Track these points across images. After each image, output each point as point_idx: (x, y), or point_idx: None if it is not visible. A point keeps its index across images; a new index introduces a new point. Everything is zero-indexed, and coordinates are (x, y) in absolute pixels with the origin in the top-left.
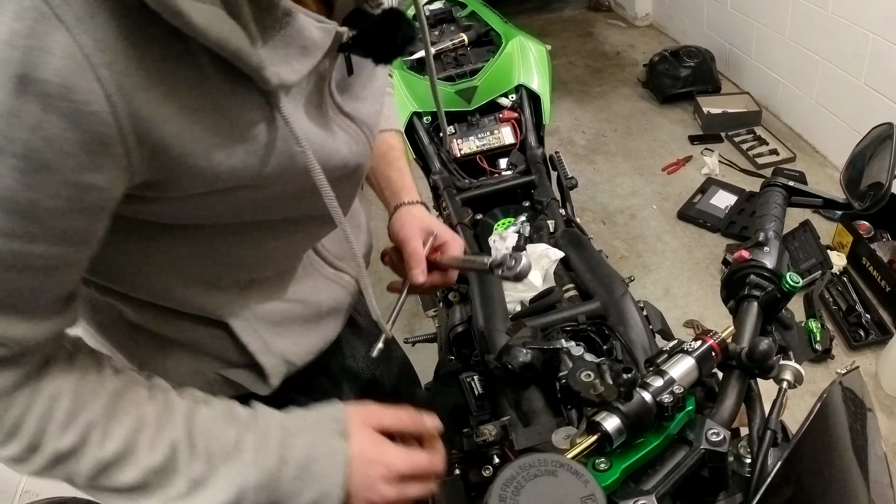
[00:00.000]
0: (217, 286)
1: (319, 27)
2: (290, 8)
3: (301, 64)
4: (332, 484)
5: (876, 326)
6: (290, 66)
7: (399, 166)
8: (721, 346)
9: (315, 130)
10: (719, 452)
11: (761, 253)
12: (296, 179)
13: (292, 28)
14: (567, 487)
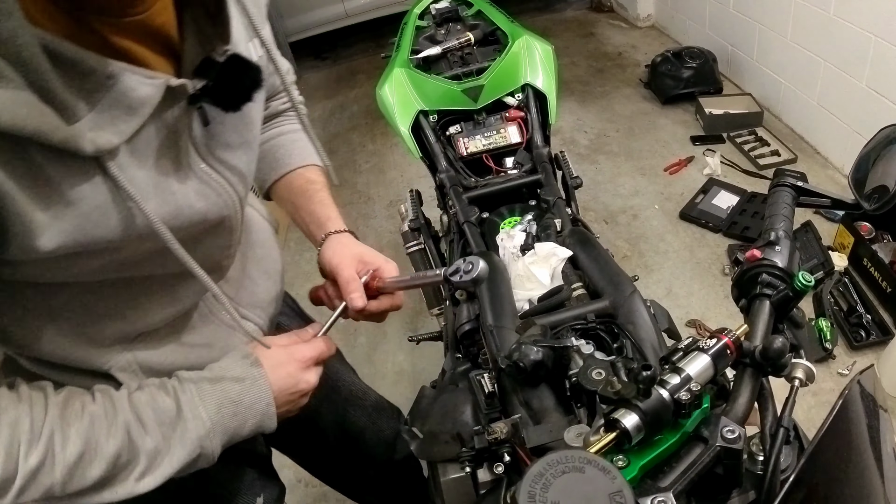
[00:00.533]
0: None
1: (149, 83)
2: (114, 71)
3: (127, 124)
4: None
5: (877, 327)
6: (116, 128)
7: (320, 198)
8: (736, 344)
9: (162, 186)
10: (735, 450)
11: (773, 252)
12: (147, 237)
13: (117, 90)
14: (595, 484)
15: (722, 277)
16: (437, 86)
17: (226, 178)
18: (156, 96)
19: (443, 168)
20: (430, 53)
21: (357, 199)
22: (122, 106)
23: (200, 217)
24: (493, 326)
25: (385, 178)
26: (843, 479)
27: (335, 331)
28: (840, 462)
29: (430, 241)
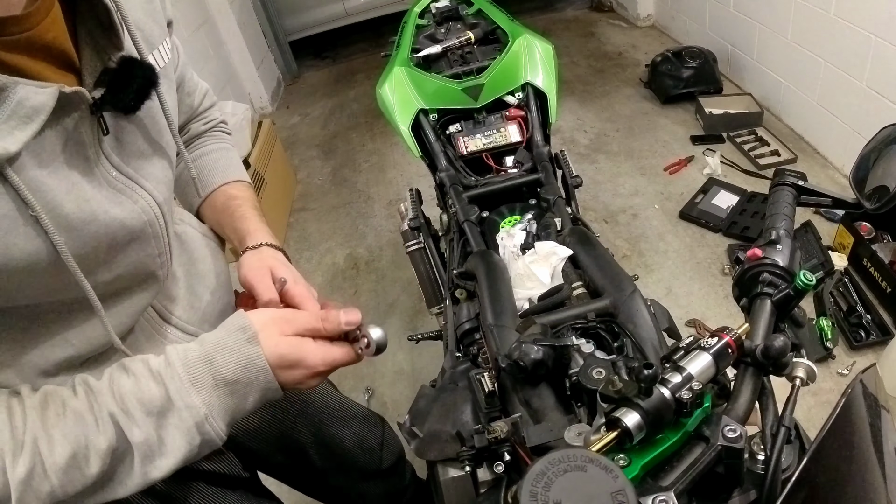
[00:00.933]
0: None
1: (42, 92)
2: (6, 84)
3: (23, 132)
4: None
5: (876, 327)
6: (13, 136)
7: (241, 214)
8: (737, 343)
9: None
10: (736, 449)
11: (774, 251)
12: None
13: (11, 100)
14: (597, 482)
15: (721, 277)
16: (437, 84)
17: (141, 185)
18: (49, 103)
19: (443, 167)
20: (430, 52)
21: (356, 199)
22: (17, 116)
23: (118, 224)
24: (493, 325)
25: (385, 177)
26: (844, 479)
27: None
28: (842, 461)
29: (429, 241)
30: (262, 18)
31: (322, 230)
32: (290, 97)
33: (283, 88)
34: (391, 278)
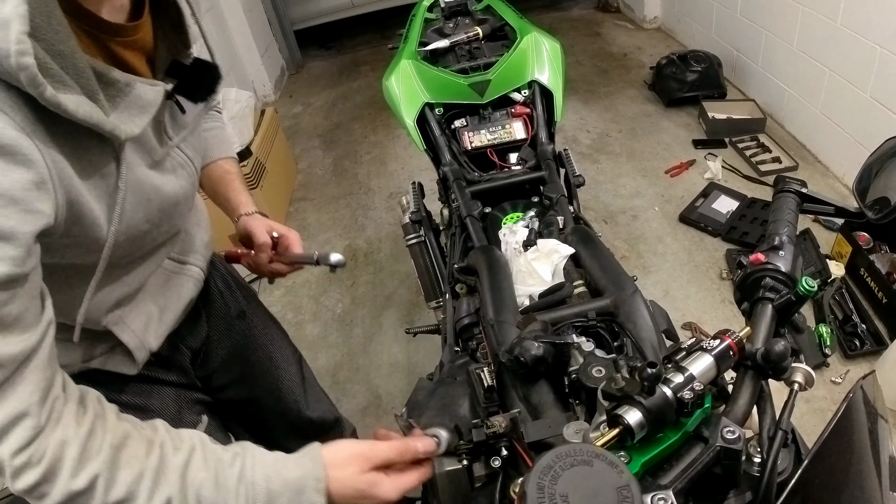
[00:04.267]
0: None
1: (153, 89)
2: (129, 80)
3: (141, 118)
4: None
5: (871, 337)
6: (133, 122)
7: (234, 186)
8: (738, 346)
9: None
10: (734, 450)
11: (776, 256)
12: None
13: (132, 95)
14: (602, 477)
15: (719, 282)
16: (443, 79)
17: (188, 157)
18: (158, 98)
19: (447, 161)
20: (437, 46)
21: (357, 190)
22: (135, 107)
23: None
24: (493, 321)
25: (386, 169)
26: (841, 485)
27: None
28: (840, 466)
29: (430, 234)
30: (268, 6)
31: (321, 220)
32: (293, 86)
33: (287, 77)
34: (389, 271)
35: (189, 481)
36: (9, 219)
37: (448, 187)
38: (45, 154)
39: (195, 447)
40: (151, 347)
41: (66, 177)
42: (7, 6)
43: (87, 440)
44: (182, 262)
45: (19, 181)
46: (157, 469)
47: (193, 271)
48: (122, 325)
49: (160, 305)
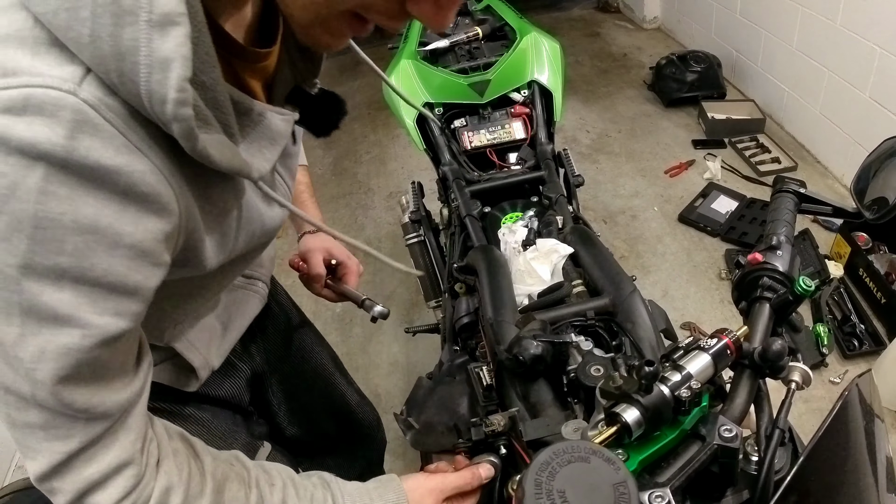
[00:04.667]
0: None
1: (283, 119)
2: (262, 110)
3: (271, 152)
4: None
5: (870, 337)
6: (263, 156)
7: (303, 199)
8: (736, 345)
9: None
10: (731, 448)
11: (774, 256)
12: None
13: (263, 125)
14: (599, 473)
15: (718, 282)
16: (443, 79)
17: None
18: (288, 129)
19: (446, 161)
20: (437, 46)
21: (357, 190)
22: (266, 138)
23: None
24: (492, 320)
25: (385, 169)
26: (837, 483)
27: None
28: (836, 465)
29: (429, 234)
30: None
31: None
32: None
33: None
34: (389, 270)
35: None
36: (137, 272)
37: (447, 187)
38: (180, 201)
39: (286, 483)
40: (213, 366)
41: (192, 221)
42: (168, 42)
43: (188, 485)
44: (249, 276)
45: (152, 232)
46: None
47: (259, 286)
48: (184, 342)
49: (223, 321)
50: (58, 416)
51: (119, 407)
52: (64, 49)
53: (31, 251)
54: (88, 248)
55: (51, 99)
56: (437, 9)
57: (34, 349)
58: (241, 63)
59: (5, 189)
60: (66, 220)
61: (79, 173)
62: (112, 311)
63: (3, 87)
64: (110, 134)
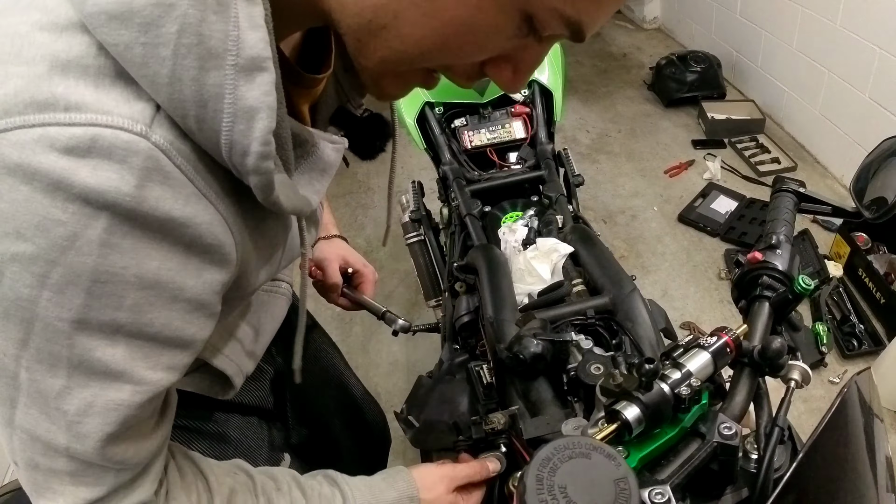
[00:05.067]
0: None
1: (334, 148)
2: (316, 140)
3: (321, 184)
4: None
5: (869, 337)
6: (313, 188)
7: None
8: (735, 343)
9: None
10: (731, 446)
11: (774, 255)
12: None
13: (315, 156)
14: (600, 469)
15: (718, 281)
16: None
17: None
18: (338, 159)
19: (446, 160)
20: None
21: (356, 189)
22: (316, 169)
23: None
24: (493, 318)
25: (385, 168)
26: (836, 481)
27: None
28: (835, 462)
29: (430, 233)
30: None
31: None
32: None
33: None
34: (389, 269)
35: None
36: (193, 325)
37: (448, 186)
38: (238, 248)
39: (291, 485)
40: (248, 371)
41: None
42: (254, 90)
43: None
44: (274, 279)
45: (211, 283)
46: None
47: (284, 287)
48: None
49: (254, 326)
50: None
51: (150, 455)
52: (131, 82)
53: (87, 306)
54: (148, 303)
55: (121, 142)
56: (515, 73)
57: (80, 403)
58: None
59: (64, 240)
60: (127, 275)
61: (145, 225)
62: (165, 365)
63: (65, 124)
64: (180, 182)
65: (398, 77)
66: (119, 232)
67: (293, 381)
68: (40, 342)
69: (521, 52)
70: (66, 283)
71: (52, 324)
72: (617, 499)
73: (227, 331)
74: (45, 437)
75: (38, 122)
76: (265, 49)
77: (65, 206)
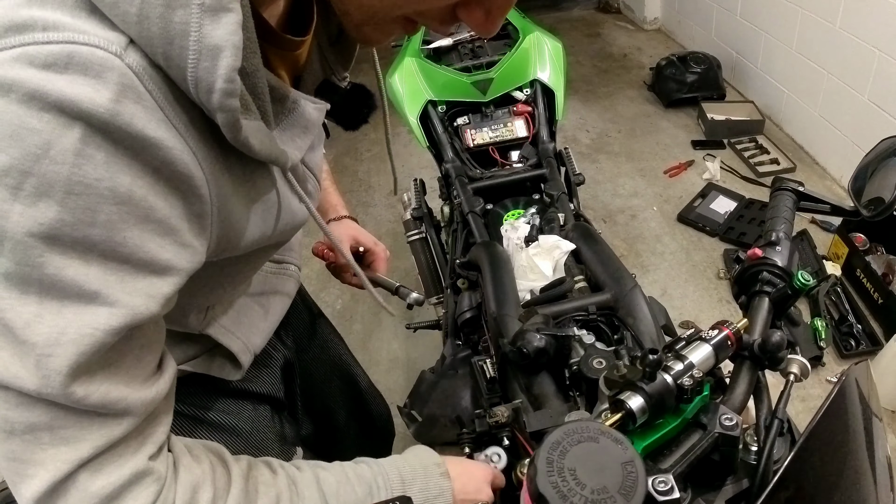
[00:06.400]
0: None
1: (315, 108)
2: (296, 97)
3: (302, 140)
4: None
5: (866, 337)
6: (295, 144)
7: (325, 186)
8: (736, 336)
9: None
10: (732, 437)
11: (773, 251)
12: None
13: (297, 113)
14: (608, 453)
15: (717, 281)
16: (446, 77)
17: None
18: (320, 118)
19: (449, 158)
20: (441, 44)
21: (357, 187)
22: (298, 126)
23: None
24: (496, 314)
25: (386, 166)
26: (834, 468)
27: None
28: (832, 450)
29: (431, 231)
30: None
31: None
32: None
33: None
34: (390, 267)
35: (326, 490)
36: (166, 250)
37: (450, 184)
38: (211, 188)
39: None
40: (256, 349)
41: (225, 211)
42: (219, 29)
43: (213, 477)
44: (279, 261)
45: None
46: (290, 488)
47: (291, 269)
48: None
49: (263, 305)
50: (68, 412)
51: (142, 405)
52: (105, 18)
53: (60, 220)
54: (121, 219)
55: (97, 58)
56: (487, 15)
57: (51, 331)
58: (273, 50)
59: (38, 148)
60: (101, 188)
61: (119, 140)
62: (142, 291)
63: (44, 42)
64: (152, 106)
65: (378, 24)
66: (93, 143)
67: (302, 370)
68: (9, 264)
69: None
70: (39, 195)
71: (24, 240)
72: (625, 481)
73: (234, 308)
74: (15, 383)
75: (17, 42)
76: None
77: (40, 115)
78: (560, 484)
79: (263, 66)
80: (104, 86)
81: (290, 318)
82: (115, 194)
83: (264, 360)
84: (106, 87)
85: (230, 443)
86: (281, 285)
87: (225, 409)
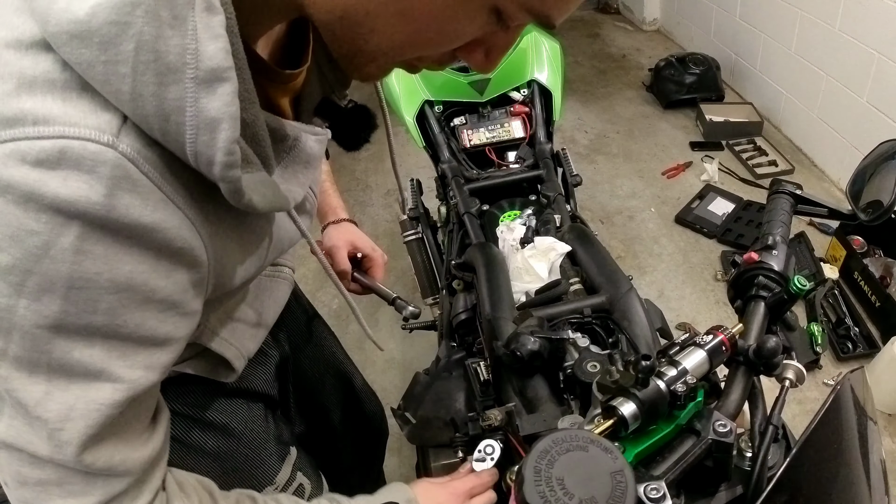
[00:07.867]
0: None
1: (316, 140)
2: (297, 134)
3: (305, 176)
4: None
5: (864, 340)
6: (297, 181)
7: (324, 188)
8: (731, 342)
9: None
10: (726, 443)
11: (770, 256)
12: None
13: (298, 149)
14: (597, 462)
15: (714, 283)
16: (443, 77)
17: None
18: (322, 150)
19: (445, 158)
20: None
21: (355, 187)
22: (300, 162)
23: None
24: (490, 316)
25: (384, 166)
26: (829, 475)
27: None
28: (828, 457)
29: (428, 231)
30: None
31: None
32: None
33: None
34: (387, 268)
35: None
36: (167, 324)
37: (447, 184)
38: (209, 250)
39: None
40: (250, 353)
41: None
42: (215, 101)
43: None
44: (274, 265)
45: (181, 284)
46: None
47: (286, 272)
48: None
49: (256, 310)
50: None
51: (141, 465)
52: (97, 94)
53: (64, 312)
54: (122, 305)
55: (89, 153)
56: (487, 56)
57: (61, 407)
58: (270, 83)
59: (38, 249)
60: (101, 281)
61: (116, 232)
62: (143, 364)
63: (34, 137)
64: (148, 189)
65: (380, 67)
66: (91, 239)
67: (297, 368)
68: (19, 350)
69: (492, 37)
70: (42, 291)
71: (30, 331)
72: (613, 491)
73: (228, 315)
74: (28, 448)
75: (7, 137)
76: (226, 59)
77: (37, 217)
78: (547, 494)
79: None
80: (98, 181)
81: (286, 318)
82: (115, 284)
83: (259, 358)
84: (100, 181)
85: (226, 444)
86: (275, 288)
87: (219, 409)
